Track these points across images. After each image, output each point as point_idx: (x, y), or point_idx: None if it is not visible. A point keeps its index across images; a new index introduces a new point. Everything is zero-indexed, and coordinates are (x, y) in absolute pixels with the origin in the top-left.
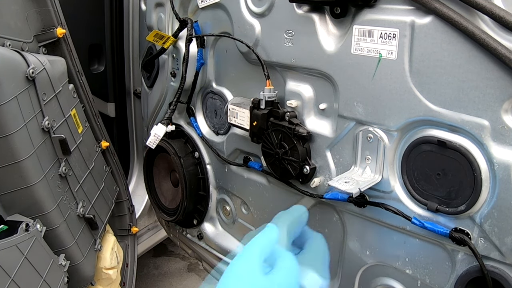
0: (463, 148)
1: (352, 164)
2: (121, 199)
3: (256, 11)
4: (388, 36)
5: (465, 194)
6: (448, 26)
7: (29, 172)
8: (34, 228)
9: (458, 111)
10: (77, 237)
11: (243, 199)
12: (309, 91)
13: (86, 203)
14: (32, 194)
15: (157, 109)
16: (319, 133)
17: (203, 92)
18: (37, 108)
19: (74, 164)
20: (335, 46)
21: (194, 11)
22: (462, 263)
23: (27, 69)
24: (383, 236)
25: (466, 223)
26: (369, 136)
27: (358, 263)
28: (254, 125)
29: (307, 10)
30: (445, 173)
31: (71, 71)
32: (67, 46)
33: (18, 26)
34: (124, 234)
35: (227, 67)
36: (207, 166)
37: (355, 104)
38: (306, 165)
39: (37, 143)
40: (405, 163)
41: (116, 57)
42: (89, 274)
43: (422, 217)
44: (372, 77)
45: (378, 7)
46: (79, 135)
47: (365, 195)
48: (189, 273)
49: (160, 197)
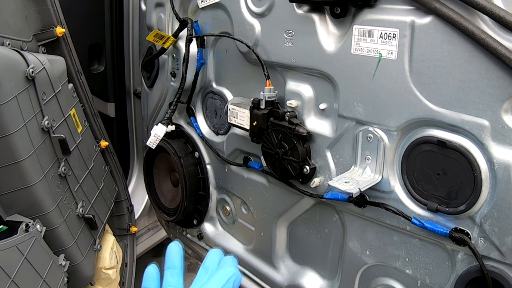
0: (463, 148)
1: (352, 164)
2: (120, 199)
3: (256, 11)
4: (388, 36)
5: (465, 194)
6: (448, 26)
7: (29, 172)
8: (34, 228)
9: (458, 111)
10: (76, 237)
11: (243, 199)
12: (309, 91)
13: (85, 203)
14: (32, 194)
15: (157, 109)
16: (319, 133)
17: (203, 92)
18: (37, 108)
19: (74, 164)
20: (335, 46)
21: (194, 11)
22: (462, 263)
23: (27, 69)
24: (383, 236)
25: (466, 223)
26: (369, 136)
27: (358, 263)
28: (254, 125)
29: (307, 10)
30: (445, 173)
31: (71, 70)
32: (67, 45)
33: (17, 25)
34: (123, 234)
35: (227, 67)
36: (207, 166)
37: (355, 104)
38: (306, 165)
39: (36, 143)
40: (405, 163)
41: (116, 57)
42: (89, 274)
43: (422, 217)
44: (372, 77)
45: (378, 7)
46: (78, 135)
47: (365, 195)
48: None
49: (160, 197)
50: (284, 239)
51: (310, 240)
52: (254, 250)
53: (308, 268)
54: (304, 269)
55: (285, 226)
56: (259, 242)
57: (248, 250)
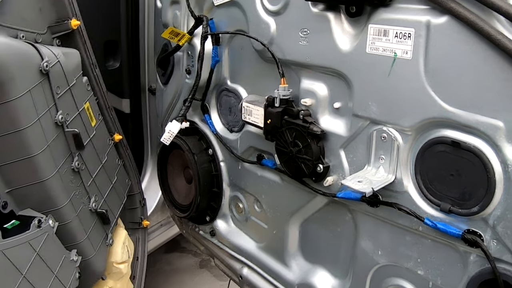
0: (477, 149)
1: (365, 163)
2: (133, 192)
3: (272, 9)
4: (403, 35)
5: (479, 195)
6: (464, 26)
7: (42, 167)
8: (46, 224)
9: (473, 112)
10: (89, 232)
11: (256, 197)
12: (324, 90)
13: (98, 198)
14: (45, 189)
15: (171, 105)
16: (333, 132)
17: (217, 89)
18: (51, 102)
19: (87, 158)
20: (350, 45)
21: (210, 9)
22: (474, 264)
23: (41, 62)
24: (395, 236)
25: (479, 224)
26: (383, 135)
27: (369, 262)
28: (268, 123)
29: (322, 9)
30: (458, 174)
31: (85, 63)
32: (81, 38)
33: (31, 17)
34: (135, 228)
35: (241, 64)
36: (221, 163)
37: (369, 103)
38: (320, 163)
39: (50, 137)
40: (419, 163)
41: (131, 54)
42: (100, 269)
43: (435, 218)
44: (387, 76)
45: (393, 6)
46: (92, 129)
47: (378, 194)
48: (201, 269)
49: (173, 193)
50: (297, 238)
51: (322, 239)
52: (266, 247)
53: (320, 267)
54: (315, 267)
55: (297, 224)
56: (272, 240)
57: (260, 248)
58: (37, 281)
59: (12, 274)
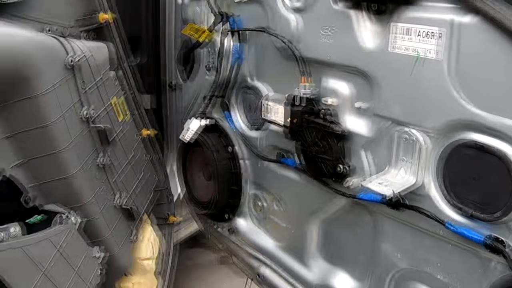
0: (501, 153)
1: (387, 165)
2: (160, 188)
3: (292, 6)
4: (427, 34)
5: (502, 200)
6: (491, 25)
7: (68, 162)
8: (69, 220)
9: (499, 115)
10: (113, 228)
11: (275, 195)
12: (345, 89)
13: (123, 194)
14: (70, 185)
15: (192, 102)
16: (354, 132)
17: (238, 86)
18: (76, 98)
19: (113, 154)
20: (373, 43)
21: (230, 6)
22: (495, 271)
23: (66, 57)
24: (416, 239)
25: (501, 230)
26: (405, 137)
27: (389, 265)
28: (288, 122)
29: (344, 6)
30: (481, 178)
31: (113, 57)
32: (110, 32)
33: (58, 10)
34: (162, 223)
35: (262, 62)
36: (240, 161)
37: (391, 103)
38: (340, 164)
39: (75, 133)
40: (441, 166)
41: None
42: (124, 265)
43: (456, 222)
44: (410, 76)
45: (417, 5)
46: (119, 124)
47: (398, 197)
48: (221, 265)
49: (192, 190)
50: (316, 238)
51: (342, 240)
52: (285, 247)
53: (339, 268)
54: (335, 269)
55: (317, 224)
56: (291, 239)
57: (279, 247)
58: (56, 277)
59: (31, 270)
